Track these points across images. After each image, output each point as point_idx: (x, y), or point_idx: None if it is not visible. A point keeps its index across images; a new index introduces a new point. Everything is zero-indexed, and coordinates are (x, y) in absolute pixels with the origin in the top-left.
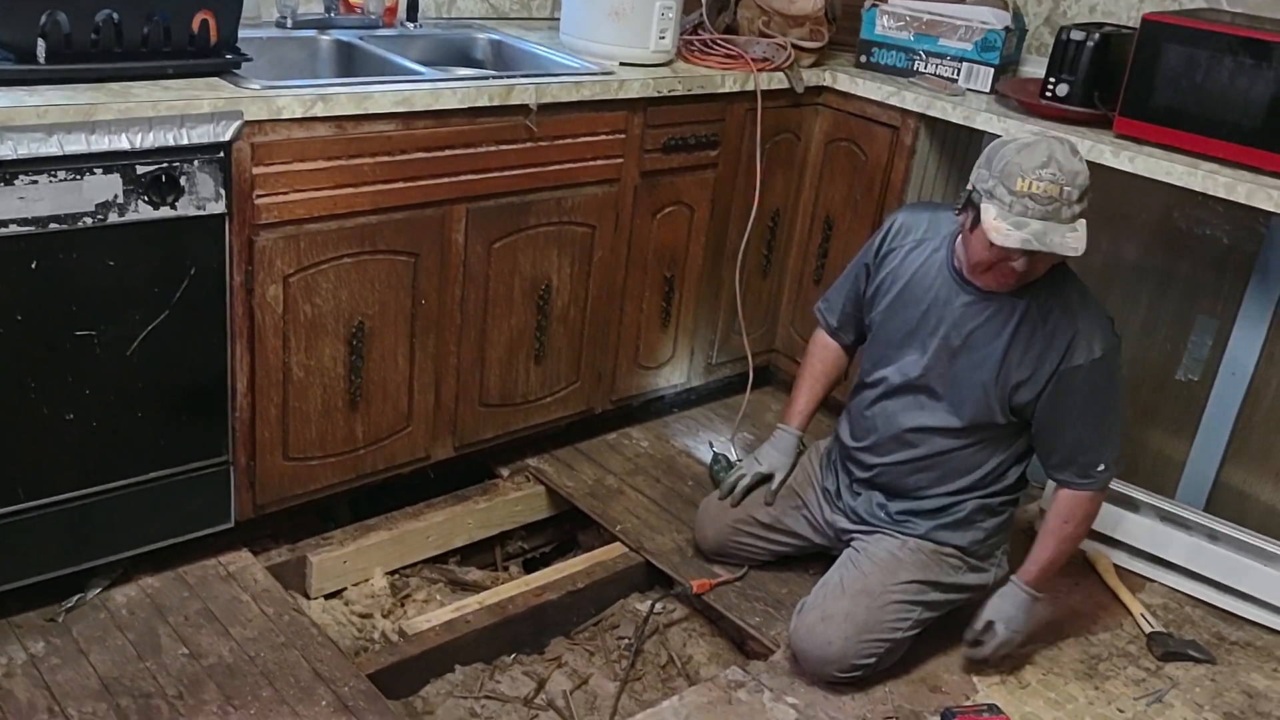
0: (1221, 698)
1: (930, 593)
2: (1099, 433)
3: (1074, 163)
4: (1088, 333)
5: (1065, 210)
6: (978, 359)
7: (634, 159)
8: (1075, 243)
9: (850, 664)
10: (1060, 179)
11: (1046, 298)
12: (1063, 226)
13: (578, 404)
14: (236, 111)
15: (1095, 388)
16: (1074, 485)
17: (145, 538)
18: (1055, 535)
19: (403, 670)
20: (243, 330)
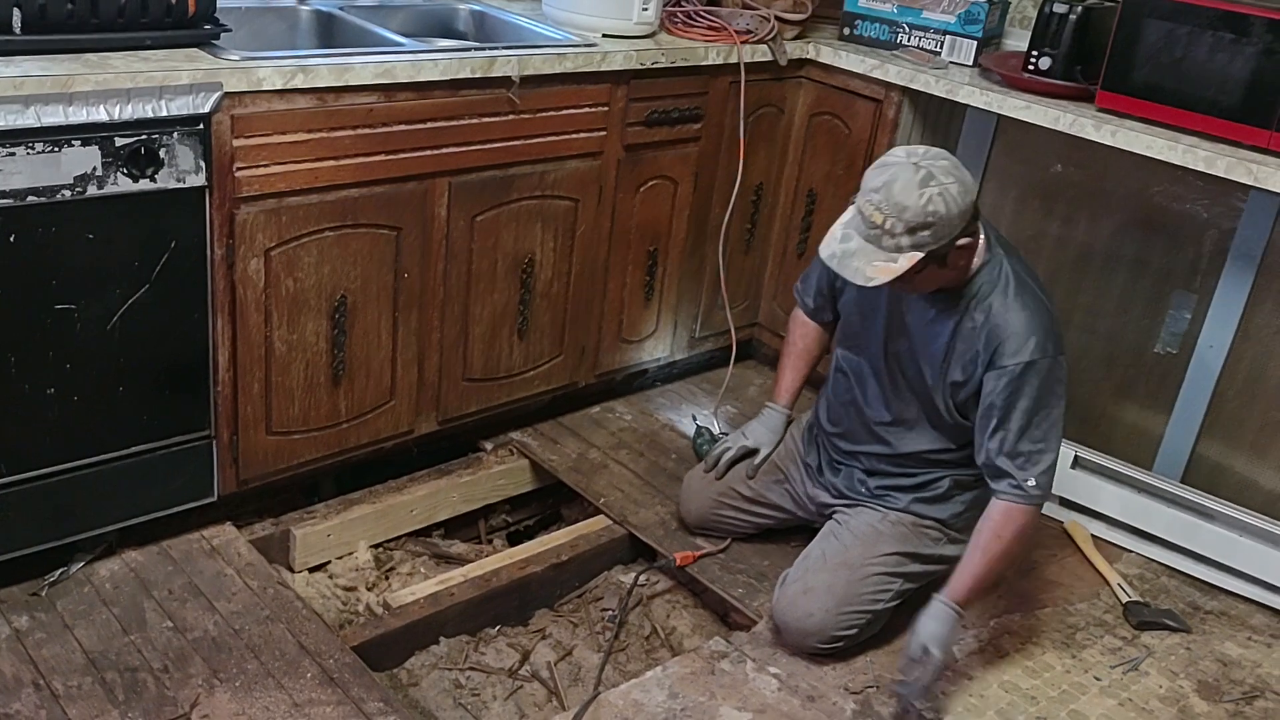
0: (1196, 666)
1: (910, 564)
2: (1029, 444)
3: (909, 196)
4: (1019, 337)
5: (887, 240)
6: (924, 357)
7: (617, 132)
8: (872, 273)
9: (831, 635)
10: (885, 209)
11: (990, 297)
12: (878, 254)
13: (561, 378)
14: (216, 83)
15: (1022, 395)
16: (1005, 497)
17: (128, 512)
18: (984, 551)
19: (387, 643)
20: (224, 305)
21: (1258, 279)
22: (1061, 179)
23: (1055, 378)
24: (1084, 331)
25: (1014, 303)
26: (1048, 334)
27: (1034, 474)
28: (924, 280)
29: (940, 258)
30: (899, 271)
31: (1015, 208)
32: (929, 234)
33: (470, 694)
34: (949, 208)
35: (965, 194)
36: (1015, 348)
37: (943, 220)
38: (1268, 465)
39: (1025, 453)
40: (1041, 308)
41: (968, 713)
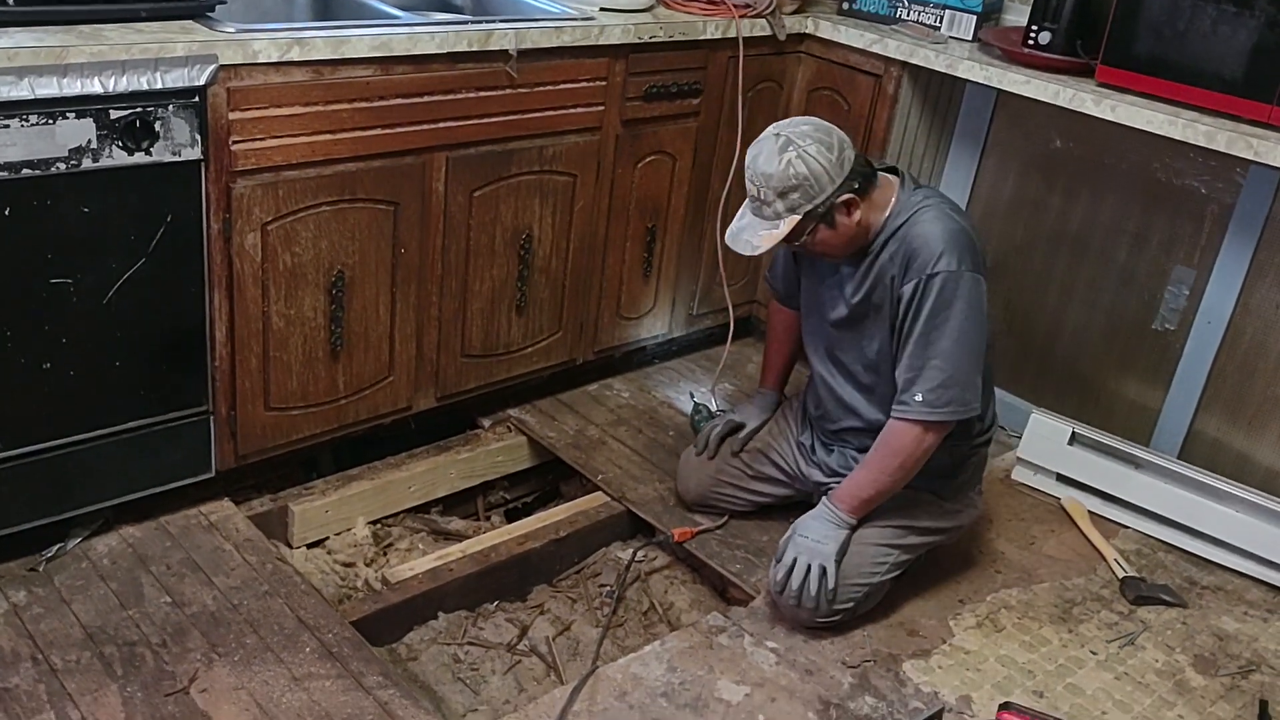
0: (1192, 640)
1: (908, 536)
2: (921, 356)
3: (771, 164)
4: (928, 250)
5: (766, 210)
6: (858, 314)
7: (615, 107)
8: (757, 241)
9: (829, 609)
10: (756, 181)
11: (900, 229)
12: (762, 224)
13: (559, 355)
14: (211, 55)
15: (925, 306)
16: (894, 411)
17: (126, 487)
18: (869, 467)
19: (386, 618)
20: (221, 279)
21: (1257, 254)
22: (1062, 154)
23: (961, 293)
24: (1084, 306)
25: (925, 224)
26: (961, 250)
27: (921, 389)
28: (825, 243)
29: (822, 216)
30: (779, 236)
31: (1016, 182)
32: (799, 195)
33: (469, 668)
34: (810, 167)
35: (827, 152)
36: (924, 260)
37: (807, 180)
38: (1265, 441)
39: (917, 366)
40: (958, 228)
41: (964, 686)
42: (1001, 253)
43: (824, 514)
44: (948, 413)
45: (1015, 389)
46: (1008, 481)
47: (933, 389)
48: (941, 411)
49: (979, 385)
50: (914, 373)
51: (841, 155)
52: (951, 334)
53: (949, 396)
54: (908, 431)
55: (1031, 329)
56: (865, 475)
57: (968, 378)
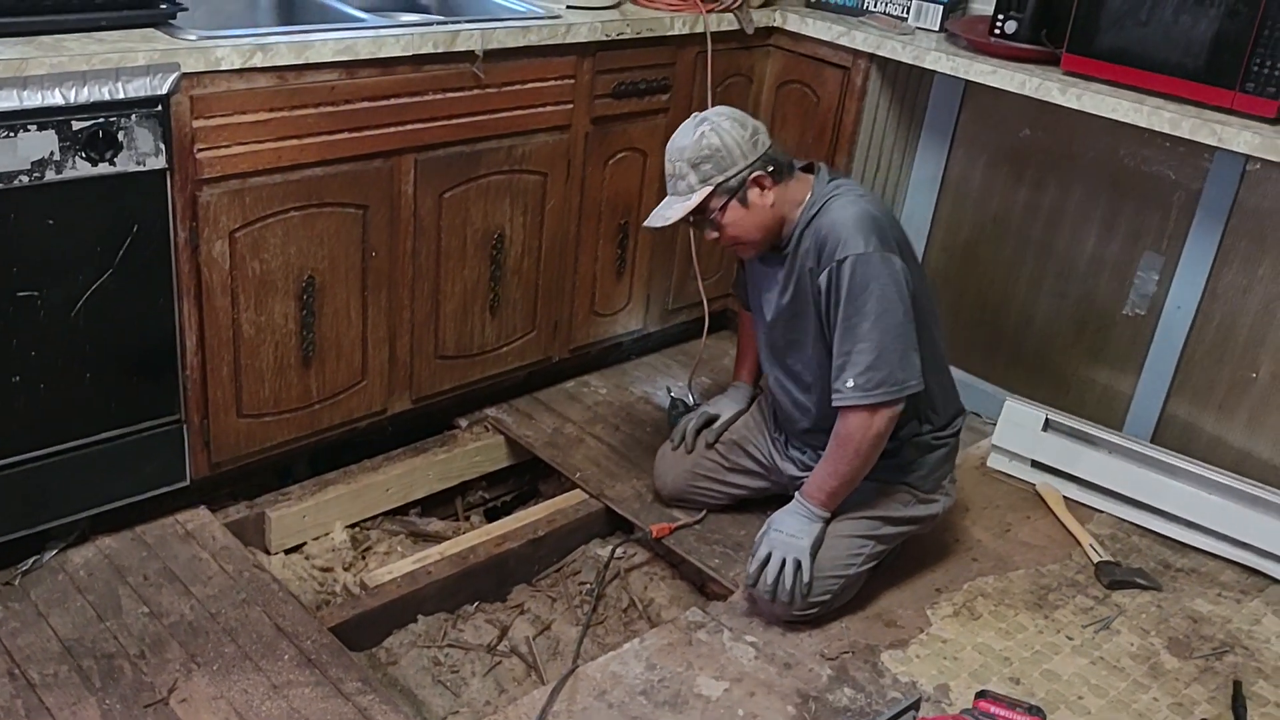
0: (1167, 623)
1: (882, 527)
2: (846, 342)
3: (686, 138)
4: (838, 235)
5: (680, 184)
6: (795, 325)
7: (584, 105)
8: (669, 213)
9: (806, 603)
10: (671, 156)
11: (813, 221)
12: (676, 199)
13: (535, 354)
14: (173, 64)
15: (841, 292)
16: (833, 400)
17: (100, 498)
18: (828, 456)
19: (365, 622)
20: (190, 288)
21: (1224, 239)
22: (1030, 143)
23: (874, 273)
24: (1055, 294)
25: (834, 211)
26: (868, 231)
27: (850, 375)
28: (738, 225)
29: (733, 191)
30: (691, 205)
31: (985, 172)
32: (711, 166)
33: (449, 671)
34: (723, 139)
35: (740, 129)
36: (833, 247)
37: (719, 151)
38: (1236, 424)
39: (845, 352)
40: (865, 212)
41: (941, 675)
42: (972, 242)
43: (797, 509)
44: (881, 394)
45: (989, 377)
46: (983, 469)
47: (861, 373)
48: (875, 394)
49: (915, 363)
50: (843, 359)
51: (755, 136)
52: (870, 315)
53: (879, 378)
54: (850, 418)
55: (1003, 317)
56: (826, 467)
57: (898, 356)
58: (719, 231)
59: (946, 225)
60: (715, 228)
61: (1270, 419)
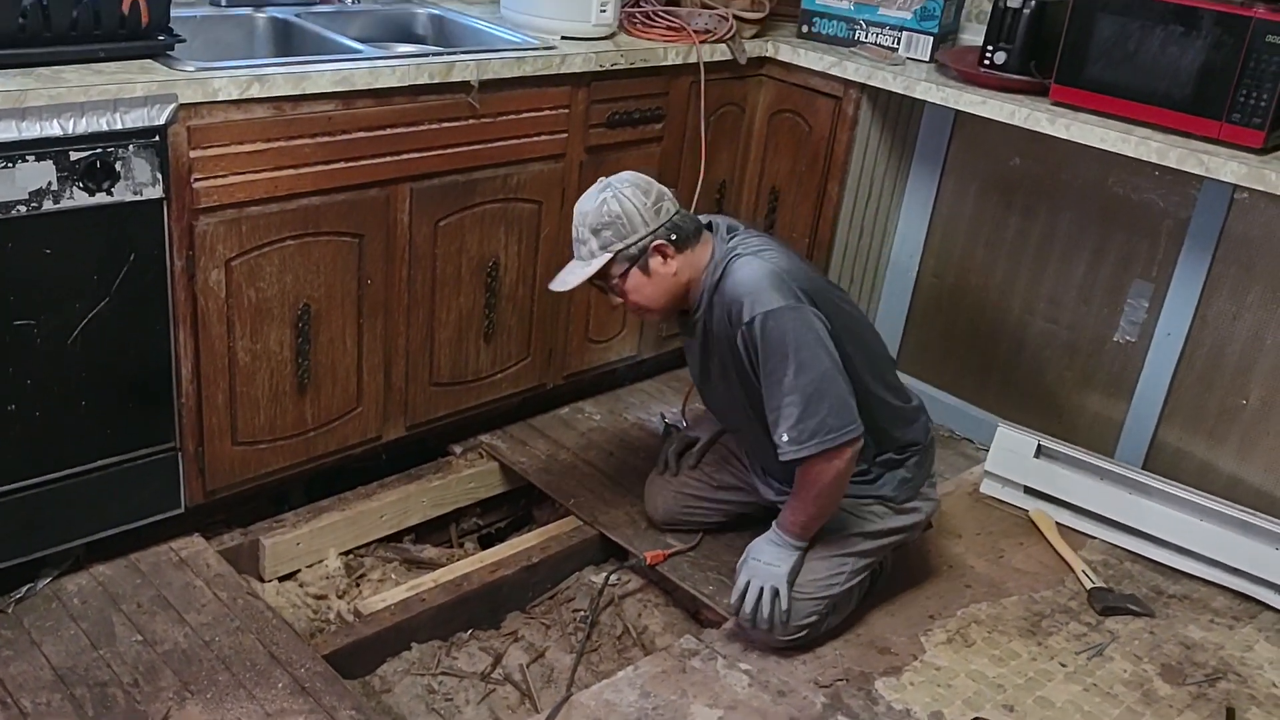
0: (1160, 649)
1: (861, 543)
2: (774, 398)
3: (589, 203)
4: (739, 299)
5: (583, 249)
6: (722, 384)
7: (579, 135)
8: (569, 278)
9: (793, 627)
10: (576, 220)
11: (716, 286)
12: (579, 264)
13: (529, 380)
14: (171, 95)
15: (758, 354)
16: (778, 454)
17: (95, 526)
18: (795, 495)
19: (359, 650)
20: (185, 316)
21: (1213, 267)
22: (1020, 171)
23: (784, 327)
24: (1047, 321)
25: (734, 274)
26: (768, 289)
27: (783, 429)
28: (638, 291)
29: (633, 259)
30: (589, 273)
31: (976, 200)
32: (611, 233)
33: (443, 699)
34: (623, 206)
35: (643, 196)
36: (738, 311)
37: (619, 218)
38: (1226, 450)
39: (775, 408)
40: (766, 270)
41: (935, 702)
42: (963, 269)
43: (773, 538)
44: (816, 444)
45: (981, 403)
46: (976, 494)
47: (793, 426)
48: (810, 445)
49: (848, 405)
50: (773, 414)
51: (659, 204)
52: (791, 369)
53: (812, 427)
54: (802, 469)
55: (995, 343)
56: (795, 504)
57: (828, 404)
58: (622, 298)
59: (938, 252)
60: (618, 293)
61: (1260, 445)
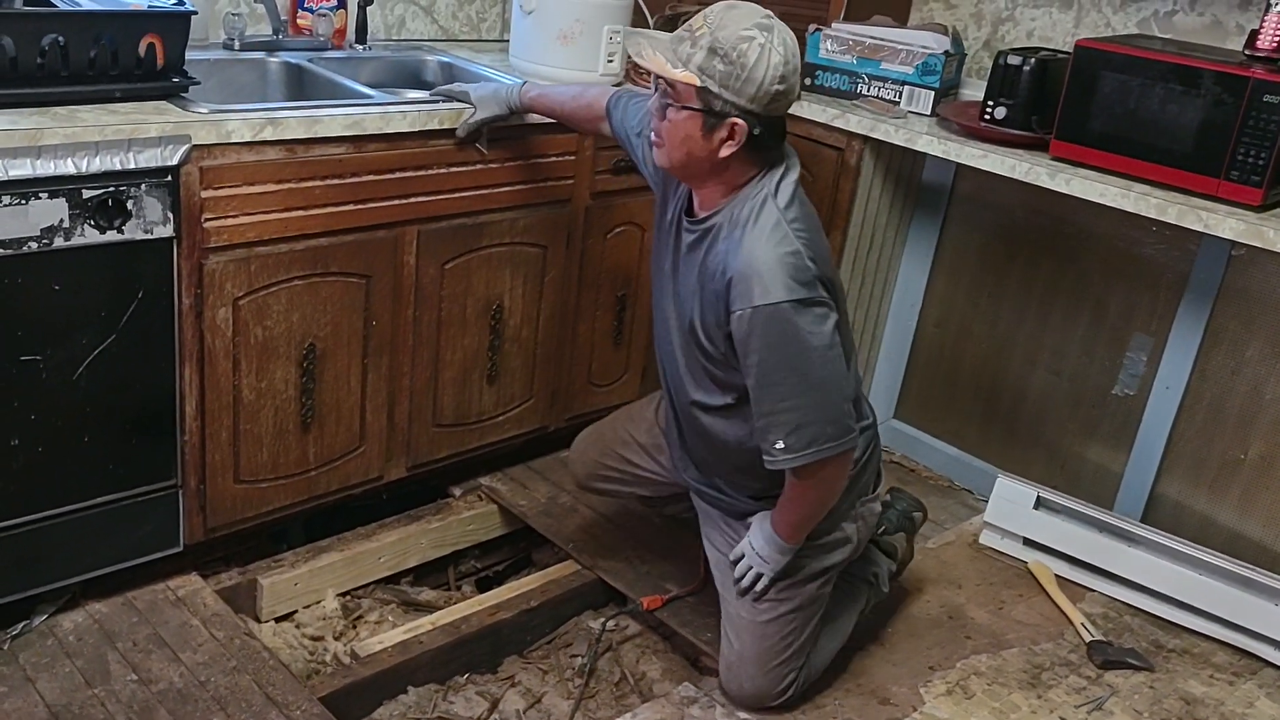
0: (1160, 704)
1: (798, 593)
2: (767, 403)
3: (737, 28)
4: (747, 277)
5: (686, 48)
6: (685, 293)
7: (585, 180)
8: (647, 55)
9: (774, 693)
10: (709, 20)
11: (738, 226)
12: (668, 50)
13: (532, 422)
14: (184, 135)
15: (751, 347)
16: (765, 462)
17: (93, 563)
18: (787, 498)
19: (355, 692)
20: (192, 353)
21: (1211, 321)
22: (1022, 224)
23: (788, 327)
24: (1048, 372)
25: (756, 237)
26: (783, 276)
27: (779, 437)
28: (677, 131)
29: (711, 110)
30: (671, 74)
31: (978, 252)
32: (723, 69)
33: None
34: (756, 63)
35: (778, 67)
36: (744, 290)
37: (742, 69)
38: (1226, 505)
39: (766, 413)
40: (787, 247)
41: None
42: (965, 319)
43: (767, 531)
44: (813, 453)
45: (982, 454)
46: (975, 546)
47: (789, 434)
48: (806, 454)
49: (847, 412)
50: (765, 420)
51: (780, 99)
52: (793, 375)
53: (809, 436)
54: (793, 479)
55: (997, 395)
56: (787, 506)
57: (827, 412)
58: (658, 116)
59: (940, 302)
60: (660, 110)
61: (1261, 500)
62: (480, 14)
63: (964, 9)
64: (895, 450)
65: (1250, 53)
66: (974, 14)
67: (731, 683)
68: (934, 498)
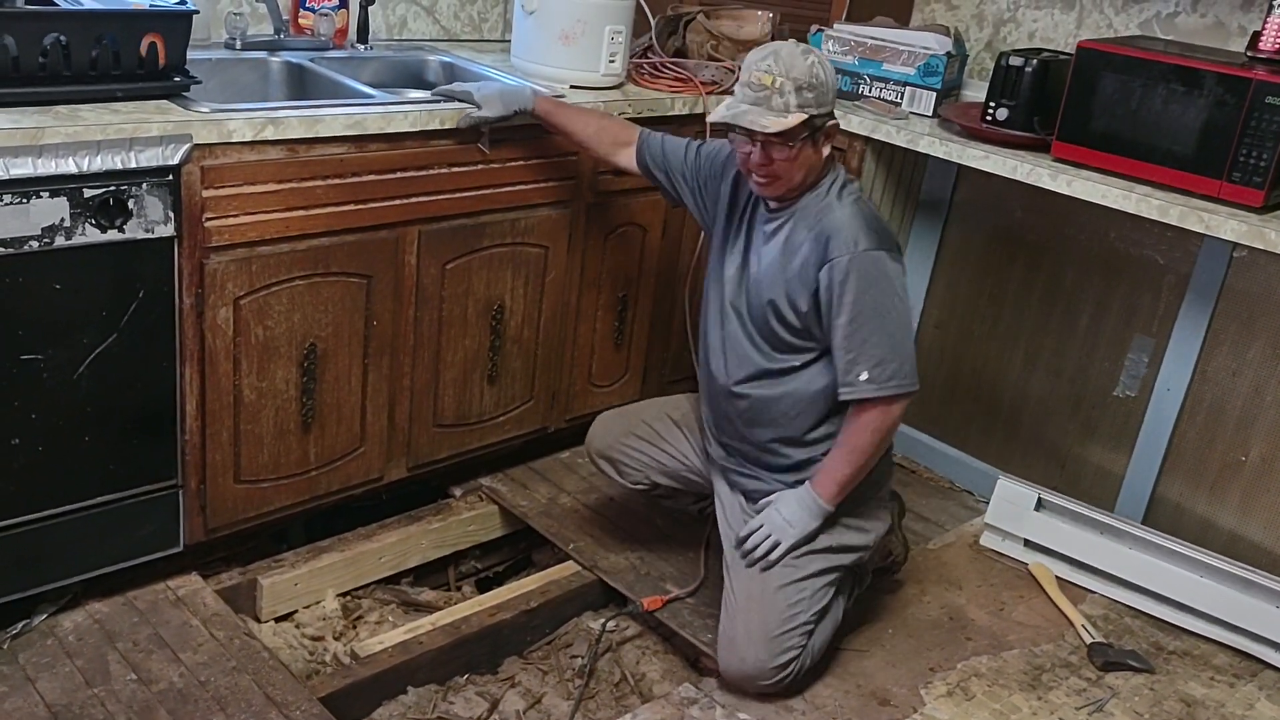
0: (1160, 706)
1: (813, 561)
2: (856, 337)
3: (796, 60)
4: (843, 232)
5: (776, 99)
6: (767, 278)
7: (586, 181)
8: (765, 122)
9: (772, 669)
10: (775, 70)
11: (822, 204)
12: (768, 112)
13: (532, 423)
14: (186, 135)
15: (847, 289)
16: (842, 394)
17: (93, 563)
18: (842, 444)
19: (355, 693)
20: (193, 353)
21: (1213, 323)
22: (1023, 224)
23: (880, 271)
24: (1049, 374)
25: (841, 206)
26: (873, 231)
27: (864, 368)
28: (796, 163)
29: (815, 130)
30: (790, 125)
31: (979, 253)
32: (813, 95)
33: None
34: (828, 77)
35: (834, 76)
36: (839, 242)
37: (824, 86)
38: (1227, 506)
39: (855, 346)
40: (869, 212)
41: None
42: (966, 320)
43: (804, 497)
44: (893, 386)
45: (983, 455)
46: (976, 547)
47: (875, 365)
48: (888, 386)
49: (914, 360)
50: (854, 353)
51: (837, 87)
52: (880, 313)
53: (890, 371)
54: (864, 411)
55: (998, 396)
56: (839, 455)
57: (904, 352)
58: (772, 160)
59: (941, 303)
60: (766, 157)
61: (1261, 502)
62: (482, 14)
63: (966, 10)
64: (896, 452)
65: (1252, 54)
66: (976, 15)
67: (731, 659)
68: (935, 499)
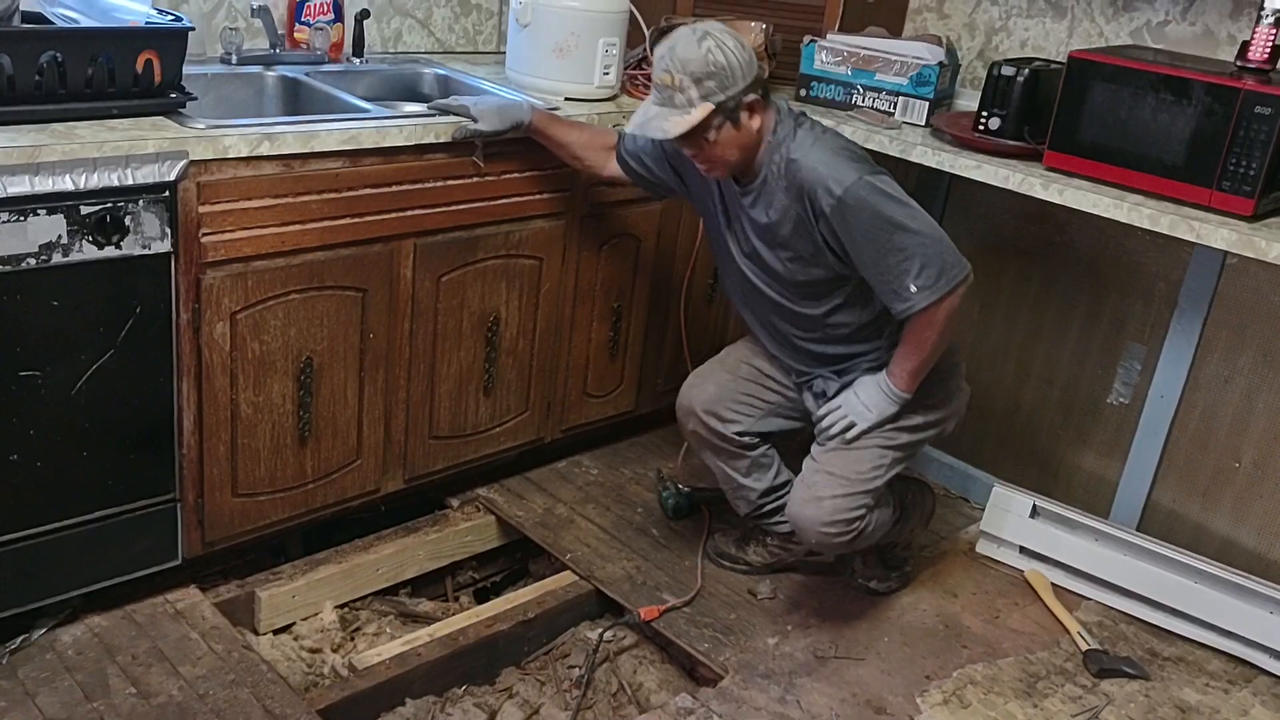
0: (1155, 713)
1: (899, 435)
2: (889, 260)
3: (691, 51)
4: (821, 176)
5: (679, 97)
6: (780, 250)
7: (580, 192)
8: (668, 126)
9: (844, 518)
10: (672, 68)
11: (779, 152)
12: (673, 112)
13: (527, 434)
14: (182, 151)
15: (855, 228)
16: (899, 313)
17: (92, 577)
18: (908, 341)
19: (353, 705)
20: (190, 368)
21: (1205, 330)
22: (1015, 232)
23: (871, 196)
24: (1042, 381)
25: (804, 153)
26: (841, 164)
27: (910, 281)
28: (723, 146)
29: (730, 112)
30: (693, 122)
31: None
32: (715, 83)
33: None
34: (728, 58)
35: (742, 49)
36: (821, 193)
37: (724, 70)
38: (1220, 513)
39: (893, 267)
40: (829, 144)
41: None
42: (959, 329)
43: (881, 383)
44: (944, 285)
45: (977, 462)
46: (971, 554)
47: (918, 274)
48: (940, 286)
49: (953, 246)
50: (893, 276)
51: (751, 58)
52: (897, 229)
53: (936, 271)
54: (924, 316)
55: (991, 404)
56: (908, 349)
57: (940, 247)
58: (699, 150)
59: None
60: (698, 146)
61: (1254, 508)
62: (476, 27)
63: (957, 19)
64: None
65: (1241, 64)
66: (967, 24)
67: (807, 502)
68: None
